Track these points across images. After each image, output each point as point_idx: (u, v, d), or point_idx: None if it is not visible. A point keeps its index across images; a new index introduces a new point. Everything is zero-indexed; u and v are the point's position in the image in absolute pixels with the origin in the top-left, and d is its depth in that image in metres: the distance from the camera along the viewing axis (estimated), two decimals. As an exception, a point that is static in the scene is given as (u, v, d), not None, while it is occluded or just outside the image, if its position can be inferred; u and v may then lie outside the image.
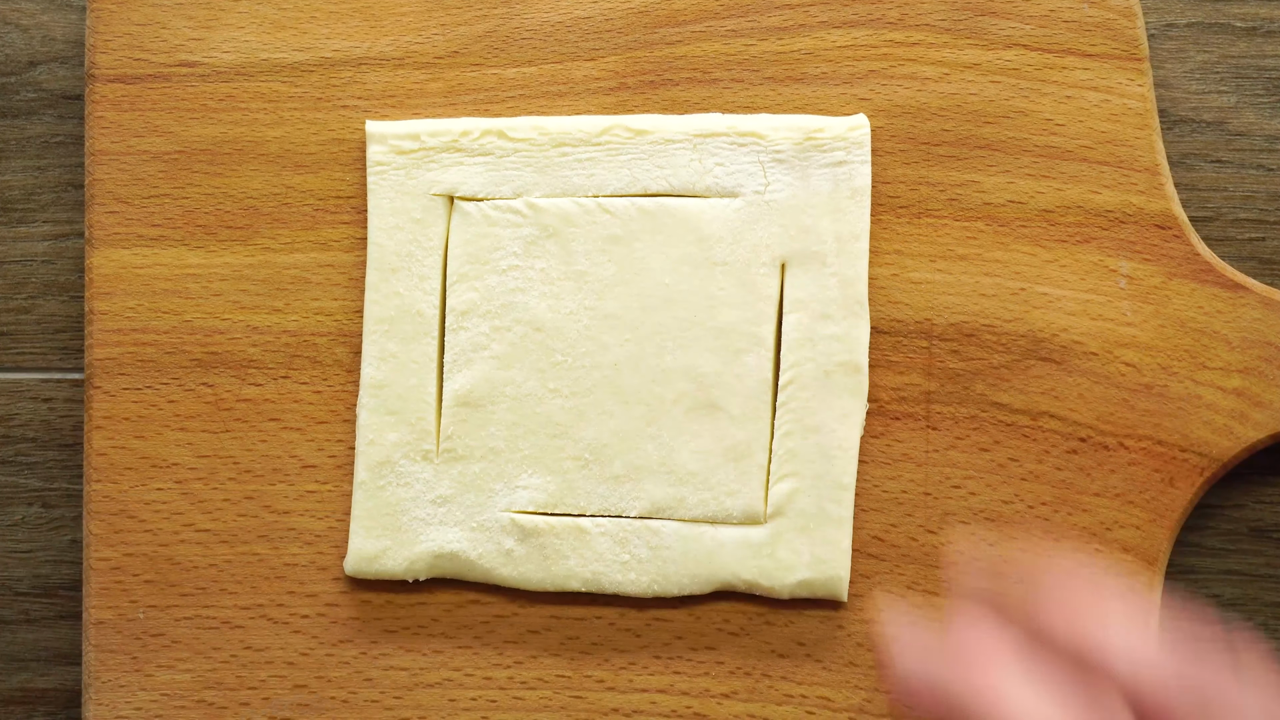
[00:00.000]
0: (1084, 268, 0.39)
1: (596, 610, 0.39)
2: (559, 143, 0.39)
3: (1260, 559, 0.41)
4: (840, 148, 0.39)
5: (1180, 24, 0.42)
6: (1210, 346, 0.39)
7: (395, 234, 0.39)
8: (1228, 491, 0.41)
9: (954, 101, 0.40)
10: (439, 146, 0.39)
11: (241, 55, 0.41)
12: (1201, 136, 0.42)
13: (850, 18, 0.40)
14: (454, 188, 0.40)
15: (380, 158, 0.40)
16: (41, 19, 0.43)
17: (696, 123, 0.39)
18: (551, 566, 0.38)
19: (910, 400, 0.39)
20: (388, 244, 0.39)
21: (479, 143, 0.39)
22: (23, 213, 0.43)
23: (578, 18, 0.40)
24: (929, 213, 0.40)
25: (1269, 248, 0.41)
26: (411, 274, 0.39)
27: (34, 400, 0.43)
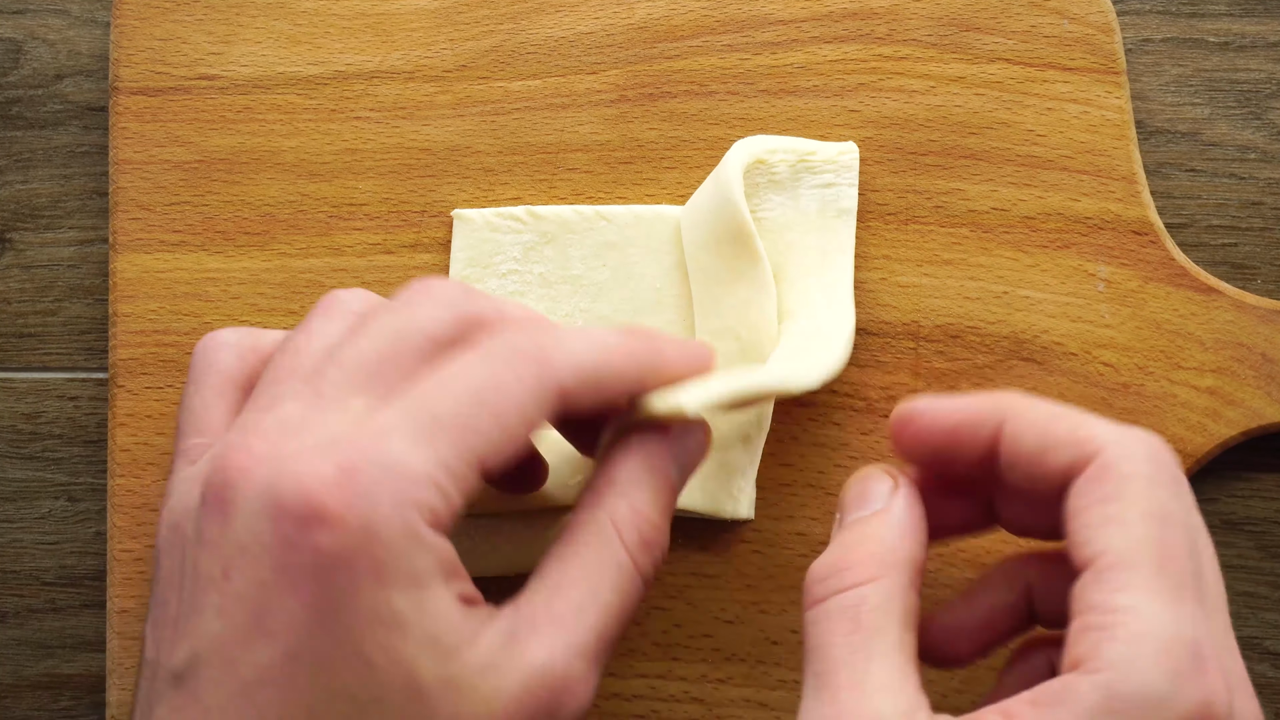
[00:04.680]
0: (1064, 272, 0.40)
1: None
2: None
3: (1232, 550, 0.41)
4: (830, 170, 0.39)
5: (1156, 39, 0.42)
6: (1185, 347, 0.39)
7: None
8: (1201, 486, 0.41)
9: (940, 113, 0.40)
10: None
11: (259, 69, 0.41)
12: (1176, 146, 0.42)
13: (841, 33, 0.41)
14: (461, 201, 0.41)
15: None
16: (68, 34, 0.44)
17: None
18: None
19: (898, 399, 0.39)
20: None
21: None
22: (50, 219, 0.43)
23: (580, 33, 0.41)
24: (916, 219, 0.40)
25: (1241, 253, 0.42)
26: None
27: (60, 399, 0.43)
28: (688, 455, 0.33)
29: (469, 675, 0.28)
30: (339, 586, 0.27)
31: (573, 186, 0.41)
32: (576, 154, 0.41)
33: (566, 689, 0.29)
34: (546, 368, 0.30)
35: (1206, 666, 0.27)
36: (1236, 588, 0.41)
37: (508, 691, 0.28)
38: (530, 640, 0.29)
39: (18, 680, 0.43)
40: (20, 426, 0.43)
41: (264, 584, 0.28)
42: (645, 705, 0.39)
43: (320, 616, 0.27)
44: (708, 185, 0.39)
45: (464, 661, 0.28)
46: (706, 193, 0.39)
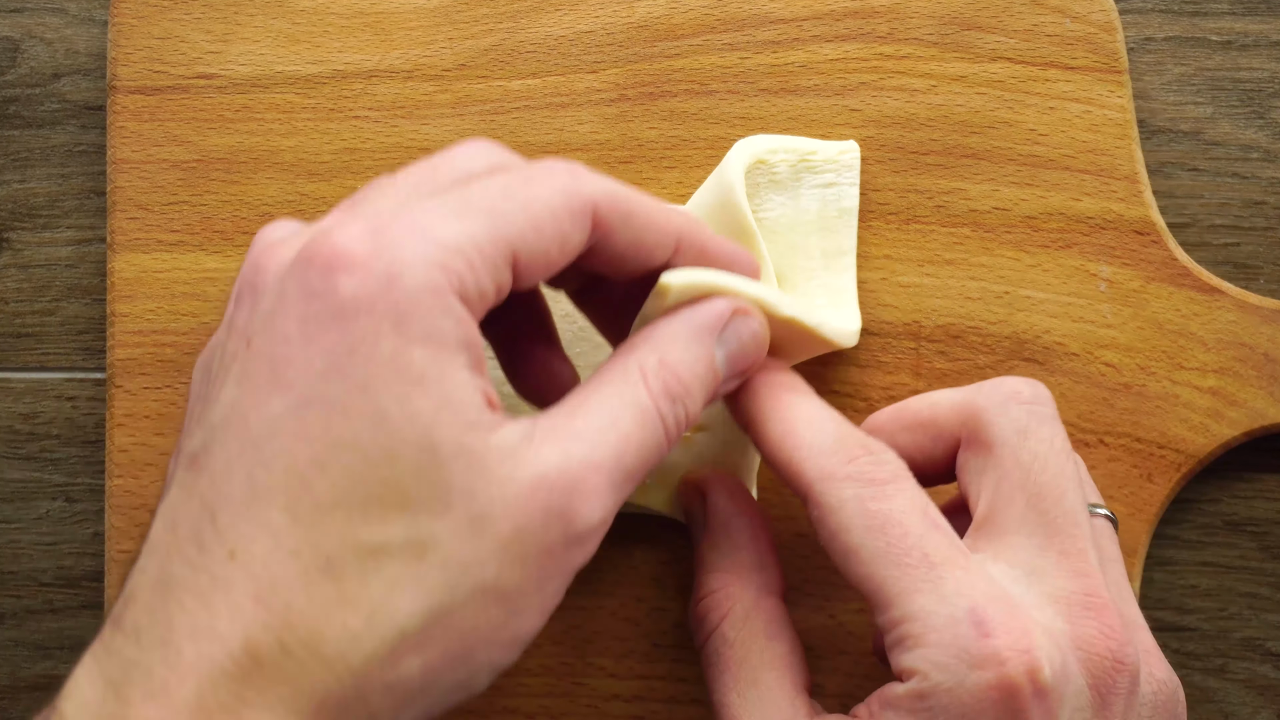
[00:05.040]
0: (1066, 272, 0.40)
1: (598, 600, 0.40)
2: None
3: (1235, 551, 0.41)
4: (831, 169, 0.39)
5: (1158, 38, 0.42)
6: (1187, 347, 0.39)
7: None
8: (1203, 486, 0.41)
9: (941, 112, 0.40)
10: None
11: (257, 68, 0.41)
12: (1179, 146, 0.42)
13: (842, 32, 0.41)
14: None
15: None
16: (65, 33, 0.43)
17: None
18: None
19: (900, 399, 0.39)
20: None
21: None
22: (47, 219, 0.43)
23: (580, 32, 0.41)
24: (917, 219, 0.40)
25: (1243, 252, 0.42)
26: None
27: (58, 399, 0.43)
28: (738, 341, 0.32)
29: (486, 452, 0.28)
30: (359, 332, 0.27)
31: (572, 186, 0.41)
32: (576, 153, 0.41)
33: (579, 494, 0.28)
34: (580, 181, 0.30)
35: (990, 628, 0.28)
36: (1239, 589, 0.41)
37: (521, 481, 0.28)
38: (546, 444, 0.28)
39: (15, 681, 0.43)
40: (18, 427, 0.43)
41: (286, 338, 0.27)
42: (645, 706, 0.39)
43: (337, 362, 0.27)
44: (709, 185, 0.39)
45: (481, 438, 0.28)
46: (708, 193, 0.39)
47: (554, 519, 0.28)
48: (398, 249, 0.27)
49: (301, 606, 0.26)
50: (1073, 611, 0.29)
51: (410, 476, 0.27)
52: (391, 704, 0.27)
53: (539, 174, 0.30)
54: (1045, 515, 0.30)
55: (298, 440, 0.27)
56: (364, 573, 0.26)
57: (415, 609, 0.27)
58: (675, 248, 0.32)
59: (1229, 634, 0.41)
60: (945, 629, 0.28)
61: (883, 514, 0.30)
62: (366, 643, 0.26)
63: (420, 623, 0.27)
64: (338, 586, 0.26)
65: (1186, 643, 0.41)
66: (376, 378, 0.27)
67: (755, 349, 0.33)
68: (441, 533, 0.27)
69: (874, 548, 0.30)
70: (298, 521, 0.26)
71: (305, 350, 0.27)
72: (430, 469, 0.27)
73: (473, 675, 0.28)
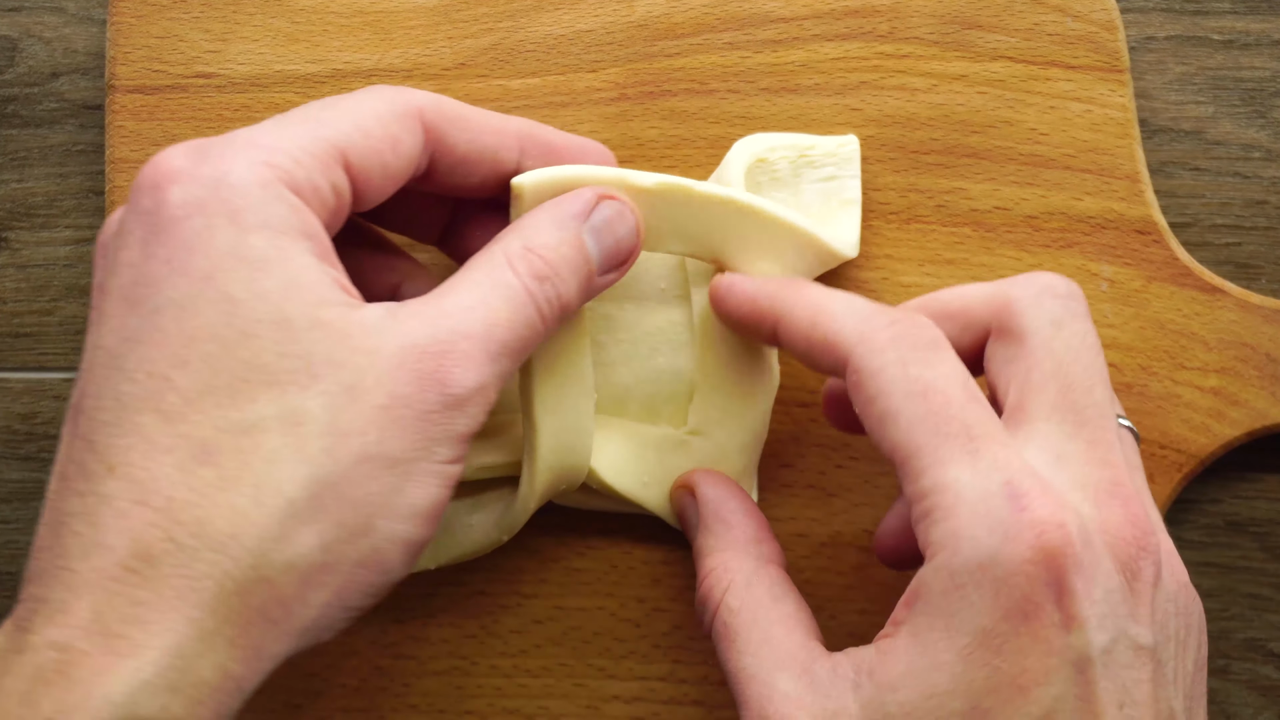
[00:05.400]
0: (1067, 272, 0.40)
1: (598, 601, 0.40)
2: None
3: (1236, 551, 0.41)
4: (831, 163, 0.39)
5: (1160, 37, 0.42)
6: (1188, 347, 0.39)
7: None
8: (1205, 487, 0.41)
9: (942, 111, 0.40)
10: None
11: (256, 67, 0.41)
12: (1180, 145, 0.42)
13: (842, 31, 0.41)
14: None
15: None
16: (64, 32, 0.43)
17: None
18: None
19: None
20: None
21: None
22: (45, 218, 0.43)
23: (580, 31, 0.41)
24: (918, 219, 0.40)
25: (1245, 252, 0.42)
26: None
27: (56, 399, 0.43)
28: (606, 226, 0.33)
29: (346, 325, 0.28)
30: (194, 231, 0.27)
31: (572, 185, 0.41)
32: (576, 152, 0.41)
33: (451, 358, 0.29)
34: (404, 91, 0.32)
35: (1026, 501, 0.28)
36: (1240, 589, 0.41)
37: (389, 350, 0.28)
38: (412, 319, 0.29)
39: (13, 682, 0.42)
40: (16, 427, 0.43)
41: (130, 263, 0.28)
42: (646, 707, 0.39)
43: (178, 264, 0.27)
44: None
45: (339, 313, 0.28)
46: None
47: (429, 382, 0.28)
48: (221, 157, 0.28)
49: (184, 497, 0.26)
50: (1099, 497, 0.29)
51: (270, 353, 0.27)
52: (296, 583, 0.27)
53: (363, 91, 0.32)
54: (1075, 405, 0.30)
55: (154, 345, 0.27)
56: (241, 451, 0.27)
57: (299, 477, 0.27)
58: (520, 148, 0.33)
59: (1231, 634, 0.41)
60: (979, 501, 0.28)
61: (925, 380, 0.29)
62: (256, 519, 0.26)
63: (307, 491, 0.27)
64: (217, 470, 0.26)
65: (1188, 643, 0.41)
66: (219, 268, 0.27)
67: (627, 234, 0.33)
68: (313, 403, 0.27)
69: (914, 413, 0.29)
70: (168, 419, 0.27)
71: (147, 266, 0.28)
72: (289, 342, 0.27)
73: (377, 550, 0.28)
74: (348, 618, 0.29)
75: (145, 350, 0.27)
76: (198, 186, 0.28)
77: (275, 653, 0.28)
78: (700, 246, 0.36)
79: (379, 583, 0.29)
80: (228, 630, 0.26)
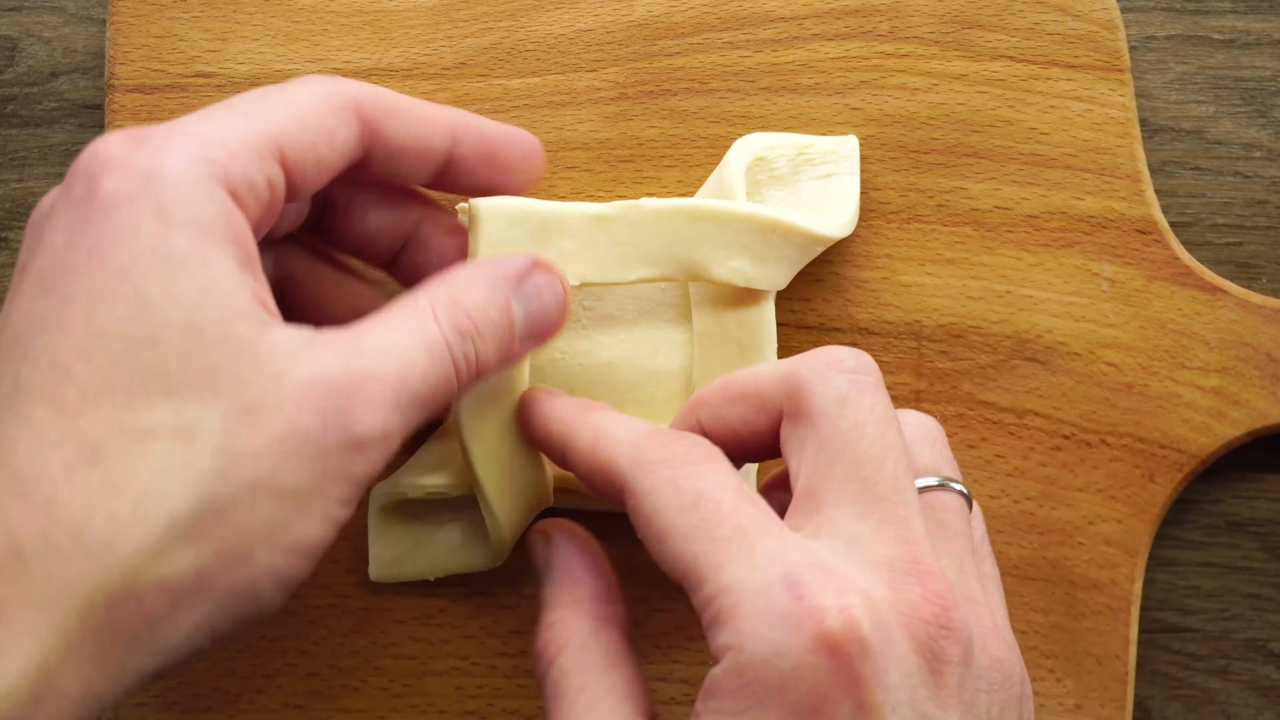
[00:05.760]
0: (1068, 271, 0.40)
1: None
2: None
3: (1237, 551, 0.41)
4: (829, 160, 0.39)
5: (1160, 36, 0.42)
6: (1189, 347, 0.39)
7: None
8: (1206, 487, 0.41)
9: (942, 111, 0.40)
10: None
11: (256, 66, 0.41)
12: (1181, 144, 0.42)
13: (842, 30, 0.41)
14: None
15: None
16: (63, 31, 0.43)
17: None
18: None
19: (900, 399, 0.40)
20: None
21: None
22: (45, 218, 0.43)
23: (580, 30, 0.41)
24: (918, 218, 0.40)
25: (1246, 252, 0.42)
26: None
27: None
28: (537, 296, 0.33)
29: (258, 344, 0.27)
30: (120, 222, 0.27)
31: (572, 185, 0.41)
32: (576, 152, 0.41)
33: (359, 399, 0.28)
34: (339, 83, 0.32)
35: (804, 589, 0.26)
36: (1241, 590, 0.41)
37: (298, 378, 0.27)
38: (327, 350, 0.28)
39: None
40: (16, 427, 0.43)
41: (53, 248, 0.27)
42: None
43: (99, 253, 0.27)
44: (709, 185, 0.39)
45: (252, 329, 0.27)
46: (708, 193, 0.39)
47: (332, 420, 0.27)
48: (160, 149, 0.28)
49: (66, 497, 0.25)
50: (895, 577, 0.27)
51: (175, 360, 0.26)
52: (166, 603, 0.26)
53: (297, 81, 0.31)
54: (865, 483, 0.28)
55: (61, 333, 0.26)
56: (130, 457, 0.26)
57: (185, 495, 0.26)
58: (451, 136, 0.33)
59: (1231, 635, 0.41)
60: (758, 595, 0.26)
61: (696, 491, 0.28)
62: (135, 530, 0.25)
63: (191, 510, 0.26)
64: (103, 473, 0.26)
65: (1189, 644, 0.41)
66: (138, 263, 0.27)
67: (554, 305, 0.33)
68: (210, 419, 0.26)
69: (688, 525, 0.28)
70: (62, 413, 0.26)
71: (70, 252, 0.27)
72: (195, 352, 0.27)
73: (254, 581, 0.27)
74: (213, 643, 0.28)
75: (51, 338, 0.26)
76: (131, 177, 0.27)
77: (138, 670, 0.27)
78: (670, 266, 0.36)
79: (249, 613, 0.28)
80: (93, 643, 0.25)
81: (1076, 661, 0.39)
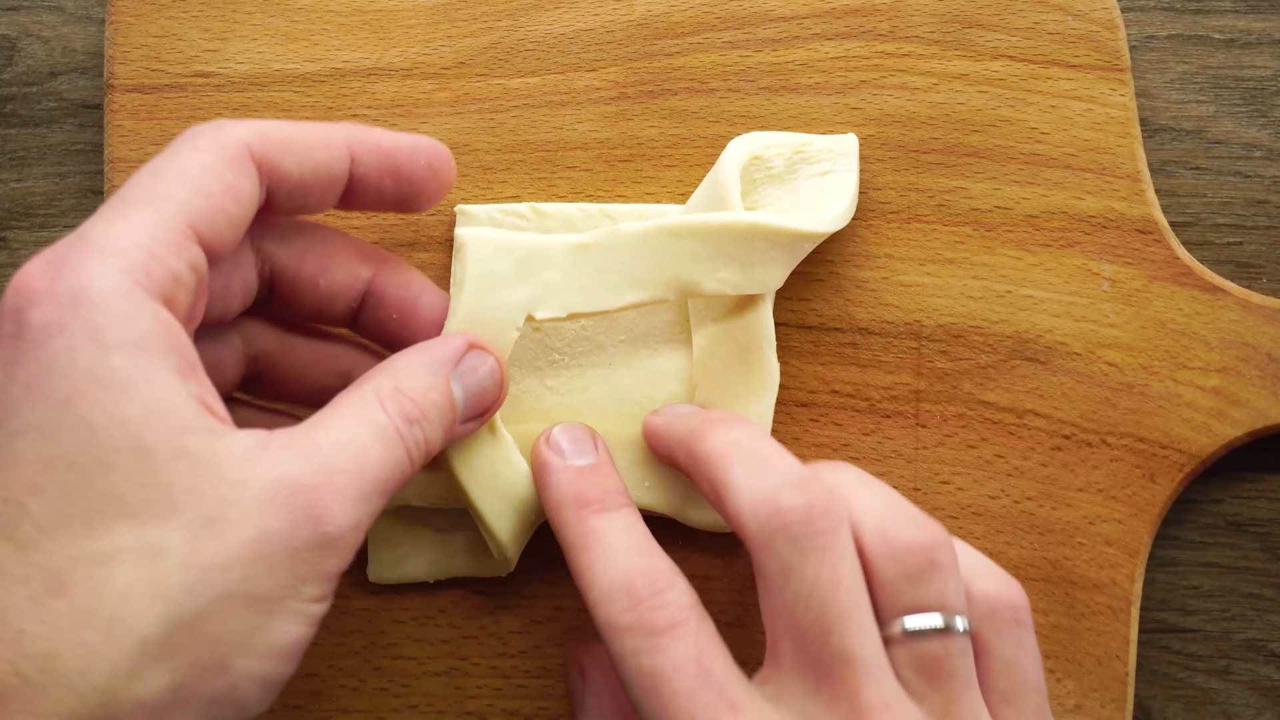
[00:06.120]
0: (1068, 271, 0.40)
1: None
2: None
3: (1237, 552, 0.41)
4: (827, 158, 0.39)
5: (1160, 36, 0.42)
6: (1190, 347, 0.39)
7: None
8: (1206, 487, 0.41)
9: (942, 110, 0.40)
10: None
11: (255, 66, 0.41)
12: (1181, 144, 0.42)
13: (843, 30, 0.41)
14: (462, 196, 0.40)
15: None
16: (62, 31, 0.43)
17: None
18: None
19: (900, 399, 0.40)
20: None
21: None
22: (44, 217, 0.43)
23: (579, 30, 0.41)
24: (918, 218, 0.40)
25: (1246, 251, 0.42)
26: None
27: None
28: (474, 376, 0.33)
29: (212, 455, 0.27)
30: (54, 353, 0.27)
31: (572, 184, 0.41)
32: (576, 152, 0.41)
33: (327, 493, 0.28)
34: (224, 130, 0.31)
35: None
36: (1241, 590, 0.41)
37: (259, 483, 0.27)
38: (284, 451, 0.28)
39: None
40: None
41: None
42: (645, 708, 0.39)
43: (37, 388, 0.26)
44: (706, 184, 0.39)
45: (204, 441, 0.27)
46: (704, 192, 0.39)
47: (301, 518, 0.27)
48: (80, 272, 0.27)
49: (34, 630, 0.25)
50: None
51: (128, 483, 0.26)
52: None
53: (180, 143, 0.31)
54: (813, 660, 0.29)
55: (10, 471, 0.26)
56: (95, 583, 0.26)
57: (154, 615, 0.26)
58: (350, 155, 0.33)
59: (1232, 635, 0.41)
60: None
61: (654, 671, 0.29)
62: (107, 656, 0.25)
63: (161, 629, 0.26)
64: (69, 603, 0.25)
65: (1189, 644, 0.41)
66: (78, 391, 0.26)
67: (491, 383, 0.34)
68: (172, 537, 0.26)
69: (649, 708, 0.29)
70: (20, 548, 0.26)
71: (7, 389, 0.27)
72: (147, 472, 0.26)
73: (234, 688, 0.27)
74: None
75: (1, 476, 0.26)
76: (57, 306, 0.27)
77: None
78: (659, 287, 0.36)
79: (233, 718, 0.28)
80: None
81: (1077, 662, 0.39)
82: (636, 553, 0.31)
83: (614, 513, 0.32)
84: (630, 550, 0.31)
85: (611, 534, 0.32)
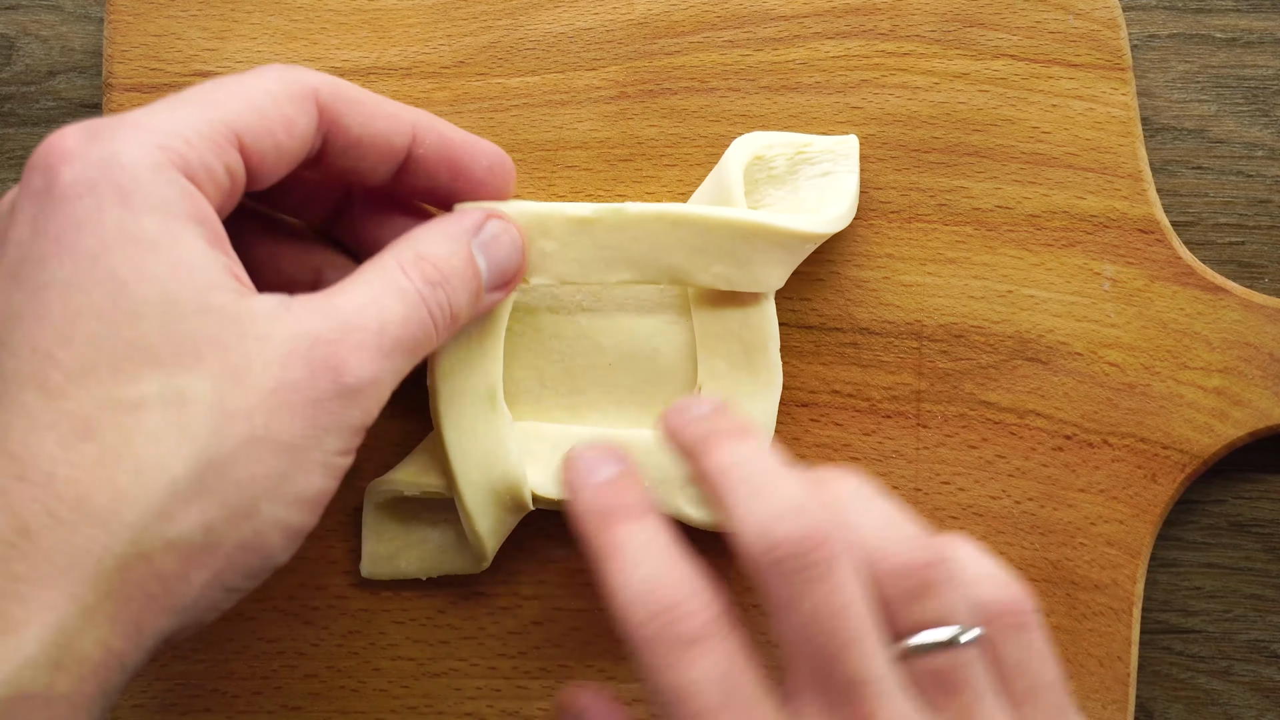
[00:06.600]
0: (1069, 271, 0.40)
1: (598, 603, 0.39)
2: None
3: (1239, 552, 0.41)
4: (828, 159, 0.39)
5: (1162, 35, 0.42)
6: (1191, 347, 0.39)
7: None
8: (1208, 487, 0.41)
9: (943, 110, 0.40)
10: None
11: (254, 65, 0.40)
12: (1183, 144, 0.42)
13: (843, 29, 0.41)
14: None
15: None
16: (61, 30, 0.43)
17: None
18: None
19: (901, 399, 0.40)
20: None
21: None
22: (42, 217, 0.43)
23: (579, 29, 0.41)
24: (919, 218, 0.40)
25: (1248, 251, 0.42)
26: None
27: None
28: (495, 243, 0.34)
29: (238, 311, 0.28)
30: (84, 210, 0.27)
31: (572, 184, 0.41)
32: (576, 151, 0.41)
33: (345, 347, 0.29)
34: (297, 70, 0.32)
35: None
36: (1244, 590, 0.41)
37: (281, 337, 0.28)
38: (306, 311, 0.29)
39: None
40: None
41: (19, 242, 0.28)
42: (646, 709, 0.39)
43: (66, 242, 0.27)
44: (708, 184, 0.39)
45: (230, 299, 0.28)
46: (706, 192, 0.39)
47: (321, 370, 0.28)
48: (115, 139, 0.28)
49: (65, 473, 0.26)
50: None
51: (156, 334, 0.27)
52: (177, 561, 0.27)
53: (255, 70, 0.32)
54: (825, 684, 0.28)
55: (38, 321, 0.27)
56: (124, 429, 0.27)
57: (183, 456, 0.27)
58: (413, 135, 0.34)
59: (1233, 636, 0.41)
60: None
61: (677, 690, 0.28)
62: (137, 496, 0.26)
63: (191, 471, 0.27)
64: (99, 447, 0.26)
65: (1191, 645, 0.41)
66: (106, 247, 0.27)
67: (512, 250, 0.35)
68: (199, 384, 0.27)
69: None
70: (49, 395, 0.27)
71: (36, 244, 0.28)
72: (175, 324, 0.27)
73: (260, 534, 0.28)
74: (228, 598, 0.29)
75: (29, 327, 0.27)
76: (89, 167, 0.28)
77: (157, 629, 0.27)
78: (652, 271, 0.37)
79: (260, 566, 0.29)
80: (109, 606, 0.26)
81: (1078, 662, 0.39)
82: (660, 561, 0.30)
83: (638, 522, 0.31)
84: (654, 559, 0.30)
85: (635, 543, 0.31)
